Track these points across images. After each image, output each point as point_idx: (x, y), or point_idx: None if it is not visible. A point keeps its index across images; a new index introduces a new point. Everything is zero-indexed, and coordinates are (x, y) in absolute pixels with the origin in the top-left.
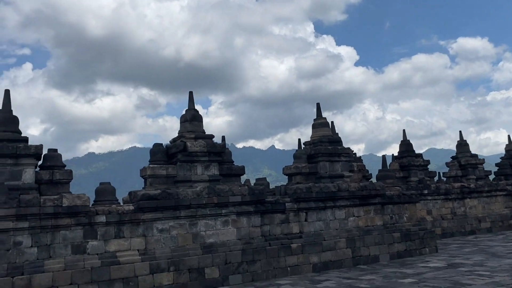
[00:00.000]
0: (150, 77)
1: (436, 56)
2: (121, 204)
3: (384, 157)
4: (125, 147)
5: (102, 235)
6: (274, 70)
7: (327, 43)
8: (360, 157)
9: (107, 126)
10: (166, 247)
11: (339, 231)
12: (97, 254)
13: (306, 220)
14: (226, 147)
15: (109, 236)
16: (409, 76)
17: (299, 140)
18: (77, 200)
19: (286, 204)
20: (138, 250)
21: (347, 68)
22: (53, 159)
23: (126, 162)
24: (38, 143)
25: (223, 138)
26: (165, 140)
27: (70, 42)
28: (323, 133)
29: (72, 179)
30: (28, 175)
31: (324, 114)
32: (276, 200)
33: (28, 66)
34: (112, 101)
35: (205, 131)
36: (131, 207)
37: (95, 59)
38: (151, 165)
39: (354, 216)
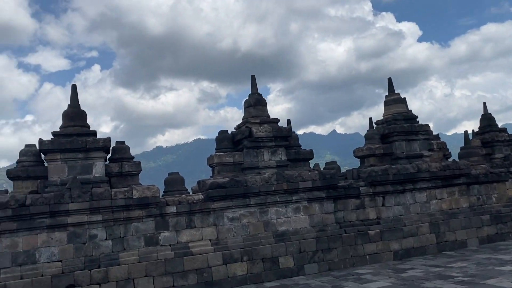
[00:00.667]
0: (210, 70)
1: (508, 25)
2: (191, 193)
3: (466, 133)
4: (190, 140)
5: (173, 226)
6: (332, 53)
7: (387, 20)
8: (438, 134)
9: (172, 120)
10: (238, 236)
11: (420, 215)
12: (170, 245)
13: (383, 205)
14: (292, 131)
15: (181, 226)
16: (478, 48)
17: (370, 119)
18: (147, 192)
19: (361, 188)
20: (210, 240)
21: (409, 45)
22: (121, 152)
23: (192, 154)
24: (106, 136)
25: (289, 121)
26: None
27: (133, 42)
28: (397, 110)
29: (140, 170)
30: (99, 168)
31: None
32: (349, 184)
33: (96, 67)
34: (175, 96)
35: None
36: (201, 196)
37: (157, 56)
38: (217, 153)
39: (436, 198)
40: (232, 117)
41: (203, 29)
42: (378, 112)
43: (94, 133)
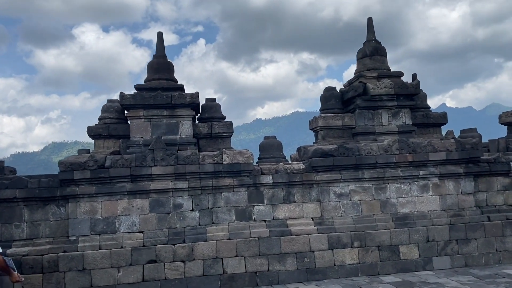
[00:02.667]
0: (310, 41)
1: None
2: (289, 162)
3: None
4: (288, 112)
5: (269, 199)
6: (444, 19)
7: None
8: None
9: (271, 92)
10: (347, 216)
11: None
12: (264, 221)
13: None
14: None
15: (277, 200)
16: None
17: None
18: (238, 157)
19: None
20: (312, 218)
21: None
22: (211, 110)
23: (290, 127)
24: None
25: (415, 76)
26: None
27: (235, 15)
28: None
29: (232, 132)
30: (186, 128)
31: (509, 64)
32: (496, 158)
33: (201, 42)
34: (275, 68)
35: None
36: (302, 166)
37: (258, 29)
38: (322, 114)
39: None
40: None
41: None
42: (496, 83)
43: (181, 87)
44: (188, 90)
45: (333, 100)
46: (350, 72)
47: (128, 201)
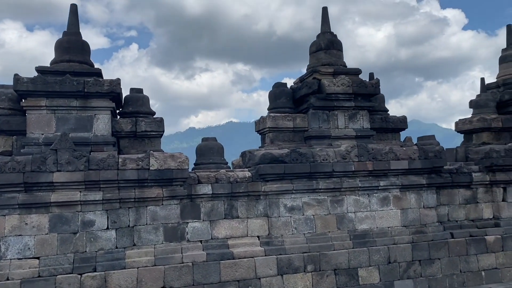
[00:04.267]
0: (245, 52)
1: None
2: (232, 169)
3: None
4: (223, 122)
5: (207, 214)
6: (371, 38)
7: (432, 6)
8: None
9: (206, 101)
10: (299, 234)
11: None
12: (201, 241)
13: (504, 200)
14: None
15: (217, 215)
16: None
17: (482, 80)
18: (170, 161)
19: (474, 174)
20: (258, 237)
21: (453, 33)
22: (137, 103)
23: (224, 137)
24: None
25: (372, 75)
26: (258, 116)
27: (170, 21)
28: None
29: (163, 132)
30: (102, 123)
31: (428, 83)
32: (459, 168)
33: (134, 46)
34: (210, 77)
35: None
36: (248, 174)
37: (193, 37)
38: (272, 114)
39: None
40: (265, 101)
41: (240, 11)
42: (416, 101)
43: (98, 72)
44: None
45: (283, 98)
46: None
47: (20, 217)
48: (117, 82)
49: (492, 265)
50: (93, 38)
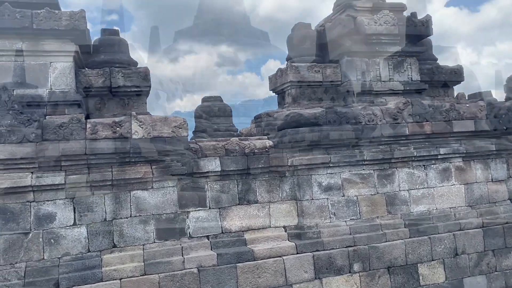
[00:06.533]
0: (228, 34)
1: None
2: (242, 135)
3: None
4: None
5: (215, 199)
6: None
7: None
8: None
9: (191, 84)
10: (340, 221)
11: None
12: (208, 237)
13: None
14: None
15: (229, 200)
16: (510, 13)
17: None
18: (161, 127)
19: None
20: (284, 227)
21: (436, 10)
22: (112, 49)
23: None
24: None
25: (415, 14)
26: (246, 98)
27: (151, 3)
28: None
29: (150, 88)
30: (61, 75)
31: None
32: None
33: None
34: (195, 60)
35: None
36: (269, 142)
37: (176, 19)
38: (293, 64)
39: None
40: (251, 82)
41: None
42: None
43: (53, 3)
44: None
45: (308, 43)
46: (268, 67)
47: None
48: (81, 15)
49: None
50: None
